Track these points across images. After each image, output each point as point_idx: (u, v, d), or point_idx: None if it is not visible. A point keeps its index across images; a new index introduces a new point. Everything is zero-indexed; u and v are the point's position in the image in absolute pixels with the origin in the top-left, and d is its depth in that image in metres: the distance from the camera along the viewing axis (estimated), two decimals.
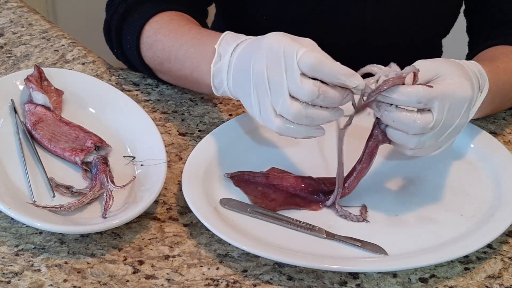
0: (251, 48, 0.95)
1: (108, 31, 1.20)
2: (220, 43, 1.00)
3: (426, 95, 0.89)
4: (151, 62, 1.15)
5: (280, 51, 0.90)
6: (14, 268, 0.90)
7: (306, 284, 0.89)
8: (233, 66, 0.97)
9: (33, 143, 1.04)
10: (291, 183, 1.00)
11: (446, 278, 0.90)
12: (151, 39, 1.13)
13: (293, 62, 0.89)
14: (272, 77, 0.91)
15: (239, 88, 0.97)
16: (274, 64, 0.90)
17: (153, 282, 0.89)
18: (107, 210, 0.94)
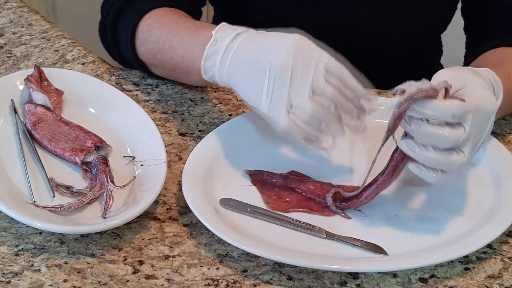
0: (266, 40, 0.97)
1: (103, 32, 1.21)
2: (217, 30, 1.02)
3: (460, 109, 0.88)
4: (145, 56, 1.16)
5: (313, 52, 0.94)
6: (14, 268, 0.90)
7: (306, 284, 0.89)
8: (233, 53, 0.98)
9: (33, 143, 1.04)
10: (309, 187, 1.00)
11: (446, 278, 0.90)
12: (145, 34, 1.14)
13: (321, 65, 0.94)
14: (297, 72, 0.93)
15: (239, 78, 0.98)
16: (302, 61, 0.93)
17: (153, 282, 0.89)
18: (107, 210, 0.94)
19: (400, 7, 1.25)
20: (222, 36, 1.00)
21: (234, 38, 0.99)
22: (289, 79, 0.94)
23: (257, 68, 0.95)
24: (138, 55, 1.17)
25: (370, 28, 1.25)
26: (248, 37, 0.99)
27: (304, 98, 0.94)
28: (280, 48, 0.95)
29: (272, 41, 0.97)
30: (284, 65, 0.94)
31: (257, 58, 0.96)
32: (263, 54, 0.96)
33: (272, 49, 0.95)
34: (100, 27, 1.22)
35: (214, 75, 1.01)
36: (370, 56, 1.27)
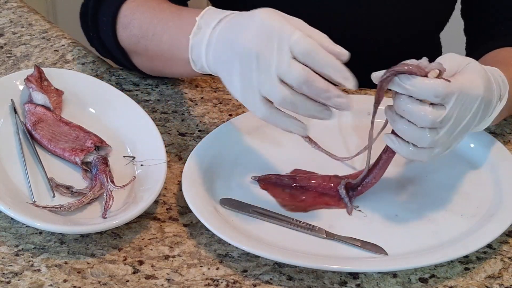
0: (239, 20, 0.92)
1: (84, 14, 1.16)
2: (202, 15, 0.97)
3: (444, 89, 0.88)
4: (127, 43, 1.11)
5: (274, 29, 0.87)
6: (14, 268, 0.90)
7: (306, 284, 0.89)
8: (215, 39, 0.94)
9: (33, 143, 1.04)
10: (319, 182, 1.00)
11: (446, 278, 0.90)
12: (127, 18, 1.10)
13: (285, 43, 0.87)
14: (262, 54, 0.88)
15: (220, 64, 0.94)
16: (265, 41, 0.88)
17: (153, 282, 0.89)
18: (107, 210, 0.94)
19: (397, 6, 1.25)
20: (206, 23, 0.95)
21: (217, 24, 0.94)
22: (255, 62, 0.88)
23: (231, 52, 0.90)
24: (119, 40, 1.12)
25: (368, 27, 1.25)
26: (229, 20, 0.93)
27: (273, 82, 0.87)
28: (247, 28, 0.89)
29: (241, 21, 0.91)
30: (248, 46, 0.88)
31: (229, 41, 0.91)
32: (233, 36, 0.90)
33: (239, 30, 0.90)
34: (81, 10, 1.17)
35: (203, 66, 0.97)
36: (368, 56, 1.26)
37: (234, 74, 0.90)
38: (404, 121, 0.90)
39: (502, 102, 0.99)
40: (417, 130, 0.90)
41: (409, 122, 0.90)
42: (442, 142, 0.91)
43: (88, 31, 1.17)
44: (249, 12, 0.92)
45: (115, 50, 1.14)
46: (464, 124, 0.92)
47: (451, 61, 0.93)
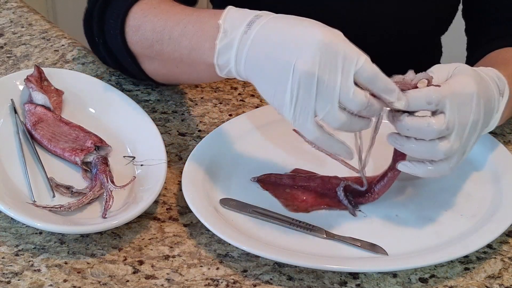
0: (288, 34, 0.87)
1: (88, 19, 1.11)
2: (224, 18, 0.92)
3: (435, 95, 0.88)
4: (138, 47, 1.05)
5: (339, 53, 0.84)
6: (14, 268, 0.90)
7: (306, 284, 0.89)
8: (248, 48, 0.89)
9: (33, 143, 1.04)
10: (318, 183, 1.00)
11: (446, 278, 0.90)
12: (138, 21, 1.04)
13: (351, 69, 0.84)
14: (323, 80, 0.84)
15: (260, 76, 0.89)
16: (328, 67, 0.84)
17: (153, 282, 0.89)
18: (107, 210, 0.94)
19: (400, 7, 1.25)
20: (232, 26, 0.91)
21: (247, 28, 0.90)
22: (315, 87, 0.84)
23: (278, 69, 0.86)
24: (129, 44, 1.06)
25: (368, 28, 1.25)
26: (264, 27, 0.89)
27: (333, 108, 0.85)
28: (304, 48, 0.85)
29: (294, 37, 0.86)
30: (309, 71, 0.84)
31: (277, 57, 0.86)
32: (284, 53, 0.86)
33: (295, 48, 0.85)
34: (85, 16, 1.12)
35: (231, 71, 0.92)
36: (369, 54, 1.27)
37: (282, 92, 0.86)
38: (412, 141, 0.89)
39: (504, 97, 0.99)
40: (428, 144, 0.89)
41: (417, 140, 0.89)
42: (456, 149, 0.90)
43: (93, 36, 1.12)
44: (300, 27, 0.87)
45: (123, 55, 1.08)
46: (471, 124, 0.91)
47: (439, 71, 0.93)
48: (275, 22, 0.90)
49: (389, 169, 0.96)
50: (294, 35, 0.87)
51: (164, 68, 1.07)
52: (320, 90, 0.85)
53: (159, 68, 1.08)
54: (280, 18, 0.90)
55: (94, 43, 1.13)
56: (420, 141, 0.89)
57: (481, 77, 0.94)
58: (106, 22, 1.08)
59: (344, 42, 0.86)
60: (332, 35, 0.86)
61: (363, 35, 1.25)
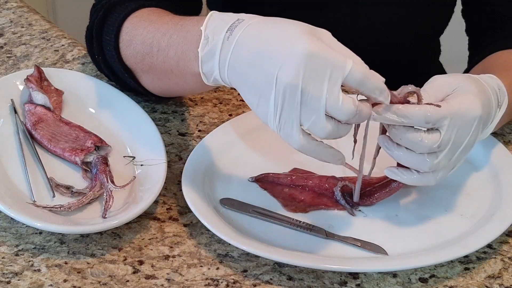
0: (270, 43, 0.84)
1: (89, 37, 1.11)
2: (206, 24, 0.90)
3: (434, 115, 0.87)
4: (132, 61, 1.05)
5: (325, 63, 0.81)
6: (14, 268, 0.90)
7: (306, 284, 0.89)
8: (230, 56, 0.86)
9: (33, 143, 1.04)
10: (315, 183, 1.00)
11: (446, 278, 0.90)
12: (129, 35, 1.03)
13: (339, 76, 0.82)
14: (308, 91, 0.82)
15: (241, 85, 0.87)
16: (313, 77, 0.81)
17: (153, 282, 0.89)
18: (107, 210, 0.95)
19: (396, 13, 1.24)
20: (213, 32, 0.88)
21: (228, 33, 0.87)
22: (300, 98, 0.82)
23: (261, 79, 0.84)
24: (124, 59, 1.05)
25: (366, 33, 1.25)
26: (246, 33, 0.86)
27: (319, 118, 0.83)
28: (287, 58, 0.82)
29: (277, 45, 0.83)
30: (292, 83, 0.82)
31: (260, 67, 0.84)
32: (267, 63, 0.83)
33: (277, 58, 0.82)
34: (86, 33, 1.11)
35: (217, 79, 0.90)
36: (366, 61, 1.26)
37: (266, 102, 0.84)
38: (402, 149, 0.89)
39: (502, 109, 0.99)
40: (416, 156, 0.89)
41: (407, 149, 0.89)
42: (443, 165, 0.90)
43: (94, 54, 1.11)
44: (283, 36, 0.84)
45: (120, 71, 1.07)
46: (464, 146, 0.91)
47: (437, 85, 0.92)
48: (257, 27, 0.87)
49: (393, 180, 0.95)
50: (277, 43, 0.84)
51: (158, 81, 1.06)
52: (305, 101, 0.82)
53: (153, 82, 1.07)
54: (263, 22, 0.87)
55: (96, 61, 1.12)
56: (409, 151, 0.89)
57: (484, 93, 0.93)
58: (103, 39, 1.08)
59: (329, 50, 0.82)
60: (316, 43, 0.82)
61: (360, 37, 1.25)
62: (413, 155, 0.89)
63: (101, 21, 1.08)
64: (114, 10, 1.08)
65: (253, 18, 0.89)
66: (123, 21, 1.05)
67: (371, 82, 0.84)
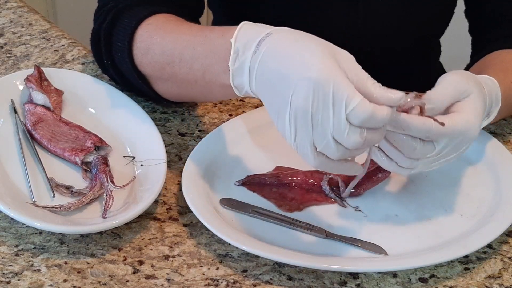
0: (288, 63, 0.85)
1: (96, 41, 1.10)
2: (236, 37, 0.90)
3: (436, 132, 0.87)
4: (149, 69, 1.04)
5: (329, 93, 0.81)
6: (14, 268, 0.90)
7: (306, 284, 0.89)
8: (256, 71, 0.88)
9: (33, 143, 1.04)
10: (302, 179, 1.00)
11: (446, 278, 0.90)
12: (146, 43, 1.03)
13: (342, 112, 0.82)
14: (317, 117, 0.83)
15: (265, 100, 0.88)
16: (321, 105, 0.82)
17: (153, 282, 0.89)
18: (107, 210, 0.95)
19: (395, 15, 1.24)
20: (243, 46, 0.89)
21: (256, 48, 0.87)
22: (310, 122, 0.83)
23: (278, 99, 0.85)
24: (138, 66, 1.05)
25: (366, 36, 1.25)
26: (268, 51, 0.86)
27: (329, 143, 0.83)
28: (299, 83, 0.83)
29: (292, 68, 0.84)
30: (303, 108, 0.83)
31: (277, 87, 0.85)
32: (283, 84, 0.84)
33: (291, 81, 0.83)
34: (92, 36, 1.11)
35: (248, 92, 0.91)
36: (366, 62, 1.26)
37: (283, 121, 0.85)
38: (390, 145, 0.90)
39: (488, 119, 1.01)
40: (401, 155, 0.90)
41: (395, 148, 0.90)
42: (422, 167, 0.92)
43: (101, 58, 1.10)
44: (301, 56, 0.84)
45: (133, 77, 1.07)
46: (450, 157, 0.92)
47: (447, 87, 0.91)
48: (280, 43, 0.87)
49: (379, 170, 0.96)
50: (293, 64, 0.84)
51: (178, 89, 1.06)
52: (315, 126, 0.83)
53: (172, 89, 1.07)
54: (286, 38, 0.87)
55: (103, 65, 1.12)
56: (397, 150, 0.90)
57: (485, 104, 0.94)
58: (113, 44, 1.07)
59: (340, 80, 0.82)
60: (329, 70, 0.82)
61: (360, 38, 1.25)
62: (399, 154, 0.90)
63: (110, 26, 1.07)
64: (123, 15, 1.07)
65: (280, 32, 0.88)
66: (136, 27, 1.04)
67: (377, 121, 0.83)
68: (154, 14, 1.05)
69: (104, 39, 1.08)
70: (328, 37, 1.24)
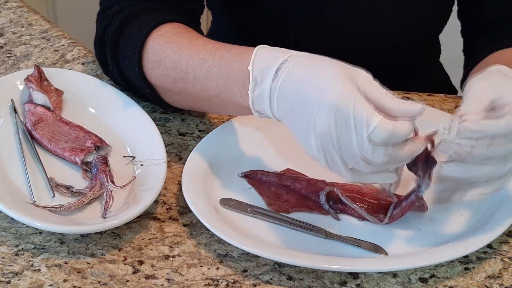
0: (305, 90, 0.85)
1: (100, 45, 1.09)
2: (253, 64, 0.91)
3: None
4: (159, 81, 1.04)
5: (350, 116, 0.82)
6: (14, 268, 0.90)
7: (306, 284, 0.89)
8: (277, 98, 0.89)
9: (33, 143, 1.04)
10: (303, 185, 1.00)
11: (446, 278, 0.90)
12: (157, 56, 1.02)
13: (364, 133, 0.82)
14: (342, 138, 0.84)
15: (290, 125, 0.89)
16: (344, 128, 0.83)
17: (153, 282, 0.89)
18: (107, 210, 0.95)
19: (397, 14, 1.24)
20: (261, 75, 0.90)
21: (274, 76, 0.88)
22: (338, 145, 0.84)
23: (302, 125, 0.86)
24: (147, 76, 1.05)
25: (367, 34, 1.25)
26: (287, 79, 0.87)
27: (358, 161, 0.84)
28: (319, 109, 0.84)
29: (311, 94, 0.85)
30: (327, 132, 0.84)
31: (300, 113, 0.86)
32: (305, 110, 0.85)
33: (312, 107, 0.84)
34: (96, 39, 1.10)
35: (270, 116, 0.92)
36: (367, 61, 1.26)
37: (310, 146, 0.86)
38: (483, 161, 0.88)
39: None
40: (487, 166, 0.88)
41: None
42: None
43: (106, 63, 1.10)
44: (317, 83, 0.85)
45: (141, 85, 1.06)
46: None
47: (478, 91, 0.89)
48: (297, 70, 0.87)
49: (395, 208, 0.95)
50: (312, 91, 0.85)
51: (189, 102, 1.06)
52: (343, 148, 0.84)
53: (182, 102, 1.07)
54: (303, 64, 0.88)
55: (108, 69, 1.11)
56: None
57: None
58: (120, 52, 1.07)
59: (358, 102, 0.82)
60: (346, 93, 0.83)
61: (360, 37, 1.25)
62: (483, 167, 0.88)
63: (117, 33, 1.06)
64: (131, 23, 1.06)
65: (296, 58, 0.89)
66: (145, 38, 1.04)
67: (400, 136, 0.83)
68: (163, 23, 1.05)
69: (110, 45, 1.07)
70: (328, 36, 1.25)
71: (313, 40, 1.24)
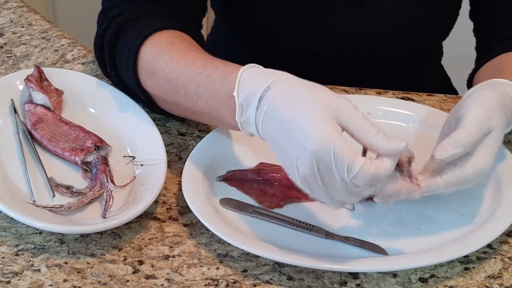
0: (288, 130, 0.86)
1: (100, 46, 1.09)
2: (237, 91, 0.91)
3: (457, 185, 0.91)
4: (154, 90, 1.04)
5: (331, 161, 0.83)
6: (14, 268, 0.90)
7: (306, 284, 0.89)
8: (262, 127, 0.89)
9: (33, 143, 1.04)
10: (282, 175, 1.00)
11: (446, 278, 0.90)
12: (150, 66, 1.03)
13: (344, 177, 0.83)
14: (326, 179, 0.84)
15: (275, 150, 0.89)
16: (325, 171, 0.84)
17: (153, 282, 0.89)
18: (107, 210, 0.95)
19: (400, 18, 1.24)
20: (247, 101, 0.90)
21: (258, 103, 0.88)
22: (321, 183, 0.84)
23: (286, 160, 0.87)
24: (142, 84, 1.05)
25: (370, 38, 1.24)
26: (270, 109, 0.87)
27: (344, 196, 0.86)
28: (301, 153, 0.84)
29: (293, 136, 0.85)
30: (310, 175, 0.84)
31: (283, 149, 0.86)
32: (288, 148, 0.86)
33: (294, 150, 0.85)
34: (96, 41, 1.10)
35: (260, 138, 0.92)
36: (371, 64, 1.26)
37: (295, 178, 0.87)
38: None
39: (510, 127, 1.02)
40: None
41: None
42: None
43: (104, 64, 1.10)
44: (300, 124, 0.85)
45: (138, 93, 1.07)
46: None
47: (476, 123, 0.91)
48: (277, 105, 0.87)
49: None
50: (292, 135, 0.85)
51: (183, 113, 1.06)
52: (327, 185, 0.85)
53: (176, 111, 1.07)
54: (284, 97, 0.87)
55: (106, 71, 1.12)
56: None
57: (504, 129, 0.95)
58: (117, 57, 1.07)
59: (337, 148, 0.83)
60: (326, 139, 0.83)
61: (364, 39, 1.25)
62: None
63: (114, 37, 1.07)
64: (127, 28, 1.06)
65: (279, 86, 0.88)
66: (140, 45, 1.04)
67: (380, 177, 0.84)
68: (158, 30, 1.05)
69: (108, 50, 1.08)
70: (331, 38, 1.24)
71: (317, 44, 1.24)
